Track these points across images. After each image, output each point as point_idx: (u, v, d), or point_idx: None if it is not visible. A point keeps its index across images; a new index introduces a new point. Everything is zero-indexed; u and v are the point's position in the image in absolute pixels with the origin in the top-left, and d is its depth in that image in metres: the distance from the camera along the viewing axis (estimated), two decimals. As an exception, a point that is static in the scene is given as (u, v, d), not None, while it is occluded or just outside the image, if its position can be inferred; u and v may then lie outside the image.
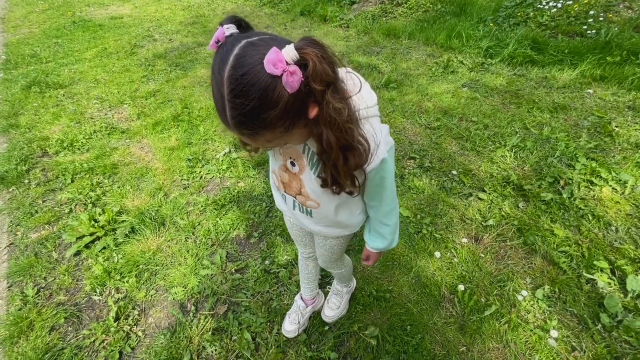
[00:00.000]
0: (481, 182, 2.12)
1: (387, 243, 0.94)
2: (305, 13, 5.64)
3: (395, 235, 0.94)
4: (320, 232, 1.01)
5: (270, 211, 2.08)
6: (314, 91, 0.55)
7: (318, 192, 0.82)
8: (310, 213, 0.92)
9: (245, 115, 0.55)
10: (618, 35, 3.29)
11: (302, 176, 0.83)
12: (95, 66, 4.35)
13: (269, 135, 0.60)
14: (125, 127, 3.05)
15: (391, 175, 0.79)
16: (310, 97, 0.57)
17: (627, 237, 1.72)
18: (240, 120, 0.56)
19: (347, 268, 1.35)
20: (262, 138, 0.61)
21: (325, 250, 1.12)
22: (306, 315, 1.47)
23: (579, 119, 2.60)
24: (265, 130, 0.58)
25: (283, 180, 0.89)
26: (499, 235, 1.79)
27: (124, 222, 2.06)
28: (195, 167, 2.49)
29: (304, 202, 0.89)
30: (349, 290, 1.52)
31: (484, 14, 4.30)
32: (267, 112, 0.54)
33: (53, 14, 7.14)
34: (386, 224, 0.90)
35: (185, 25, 5.77)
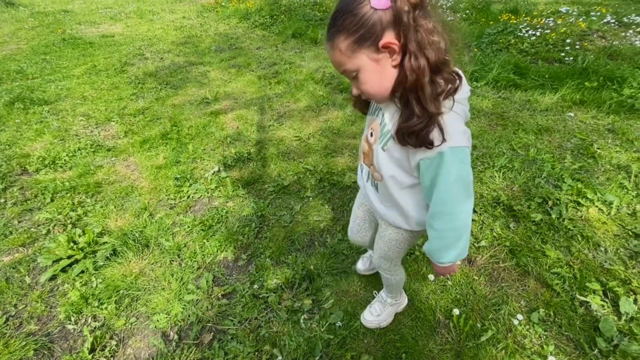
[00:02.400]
0: (472, 202, 2.12)
1: (433, 249, 0.88)
2: (297, 35, 5.78)
3: (442, 245, 0.85)
4: (383, 213, 1.03)
5: (259, 232, 2.02)
6: (400, 14, 0.63)
7: (382, 163, 0.88)
8: (377, 187, 0.99)
9: (333, 17, 0.69)
10: (594, 62, 3.47)
11: (375, 146, 0.89)
12: (83, 83, 4.30)
13: (342, 45, 0.69)
14: (111, 145, 2.98)
15: (451, 178, 0.74)
16: (392, 27, 0.65)
17: (617, 258, 1.73)
18: (329, 23, 0.71)
19: (397, 278, 1.32)
20: (336, 51, 0.71)
21: (383, 242, 1.13)
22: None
23: (562, 140, 2.68)
24: (339, 36, 0.68)
25: (364, 150, 0.98)
26: (491, 256, 1.77)
27: (106, 244, 1.96)
28: (183, 186, 2.43)
29: (373, 173, 0.96)
30: (395, 303, 1.47)
31: (468, 40, 4.49)
32: (346, 16, 0.66)
33: (43, 31, 7.12)
34: (431, 226, 0.85)
35: (177, 44, 5.82)
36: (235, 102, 3.67)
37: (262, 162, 2.63)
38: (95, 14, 8.76)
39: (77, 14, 8.96)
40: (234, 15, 7.52)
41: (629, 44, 3.88)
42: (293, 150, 2.76)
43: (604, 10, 4.81)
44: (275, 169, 2.54)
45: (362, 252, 1.77)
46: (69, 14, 8.91)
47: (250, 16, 7.08)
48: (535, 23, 4.43)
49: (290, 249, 1.89)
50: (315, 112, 3.34)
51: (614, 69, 3.33)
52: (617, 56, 3.65)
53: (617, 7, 5.37)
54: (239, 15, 7.40)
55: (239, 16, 7.38)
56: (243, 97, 3.77)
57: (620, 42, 3.91)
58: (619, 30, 4.17)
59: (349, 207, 2.15)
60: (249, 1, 8.13)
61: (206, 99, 3.72)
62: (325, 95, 3.64)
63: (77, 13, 9.03)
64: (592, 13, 4.71)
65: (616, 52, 3.69)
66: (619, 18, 4.42)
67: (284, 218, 2.09)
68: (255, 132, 3.06)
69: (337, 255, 1.82)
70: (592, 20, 4.44)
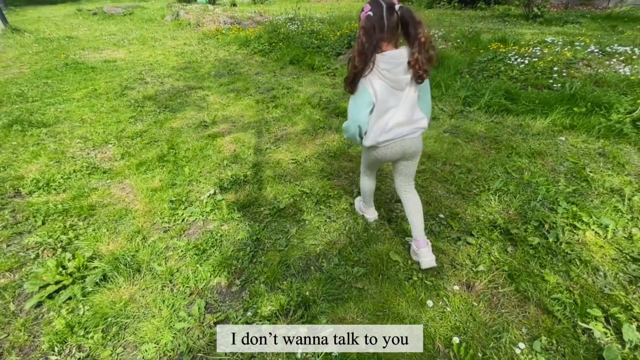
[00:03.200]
0: (468, 225, 2.12)
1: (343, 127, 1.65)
2: (295, 62, 5.96)
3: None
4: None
5: (254, 256, 1.98)
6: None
7: None
8: None
9: None
10: (581, 89, 3.59)
11: None
12: (83, 106, 4.36)
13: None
14: (107, 167, 2.98)
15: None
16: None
17: (616, 283, 1.70)
18: None
19: (361, 183, 2.05)
20: None
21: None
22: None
23: (555, 164, 2.72)
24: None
25: None
26: (490, 281, 1.74)
27: (96, 269, 1.91)
28: (178, 209, 2.40)
29: None
30: (361, 203, 2.22)
31: (460, 67, 4.66)
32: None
33: (46, 56, 7.29)
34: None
35: (177, 69, 5.97)
36: (233, 125, 3.72)
37: (258, 185, 2.63)
38: (99, 40, 9.03)
39: (81, 40, 9.23)
40: (234, 42, 7.78)
41: (613, 71, 4.04)
42: (289, 173, 2.77)
43: (587, 41, 5.05)
44: (271, 192, 2.54)
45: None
46: (73, 40, 9.17)
47: (250, 43, 7.33)
48: (523, 52, 4.62)
49: (285, 274, 1.85)
50: (312, 135, 3.39)
51: (600, 95, 3.45)
52: (602, 83, 3.79)
53: (600, 38, 5.64)
54: (238, 42, 7.66)
55: (238, 43, 7.64)
56: (241, 120, 3.83)
57: (604, 70, 4.07)
58: (603, 59, 4.35)
59: (346, 230, 2.13)
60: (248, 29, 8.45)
61: (204, 122, 3.77)
62: (321, 119, 3.71)
63: (81, 39, 9.30)
64: (576, 43, 4.93)
65: (602, 80, 3.83)
66: (602, 48, 4.63)
67: (279, 242, 2.06)
68: (252, 155, 3.08)
69: (333, 280, 1.78)
70: (576, 49, 4.64)
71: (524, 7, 8.30)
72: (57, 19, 14.36)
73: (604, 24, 7.14)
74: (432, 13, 9.86)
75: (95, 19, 13.80)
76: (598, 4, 9.39)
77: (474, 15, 9.34)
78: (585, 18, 7.89)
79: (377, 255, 1.91)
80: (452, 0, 10.83)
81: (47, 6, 21.33)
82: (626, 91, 3.59)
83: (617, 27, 6.79)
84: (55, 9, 19.09)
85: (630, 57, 4.36)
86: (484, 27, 7.31)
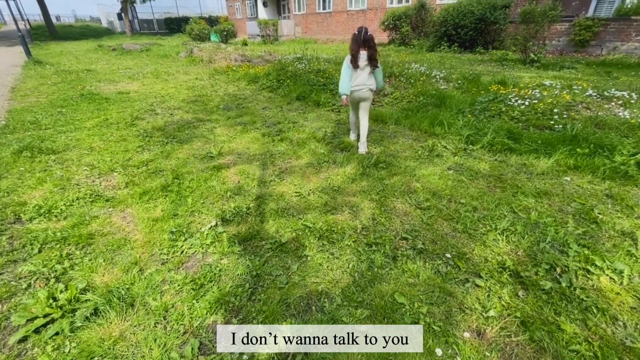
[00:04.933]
0: (476, 266, 2.04)
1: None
2: (301, 98, 6.18)
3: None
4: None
5: (253, 293, 1.90)
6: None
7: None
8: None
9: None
10: (583, 130, 3.64)
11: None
12: (93, 135, 4.46)
13: None
14: (111, 195, 2.97)
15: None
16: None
17: (637, 334, 1.60)
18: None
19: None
20: None
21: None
22: None
23: (562, 204, 2.68)
24: None
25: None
26: (502, 328, 1.64)
27: (88, 302, 1.83)
28: (178, 240, 2.36)
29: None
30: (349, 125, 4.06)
31: (462, 106, 4.79)
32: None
33: (64, 87, 7.63)
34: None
35: (187, 102, 6.18)
36: (238, 157, 3.76)
37: (260, 218, 2.59)
38: (115, 73, 9.49)
39: (99, 73, 9.71)
40: (243, 79, 8.13)
41: (613, 114, 4.13)
42: (293, 206, 2.74)
43: (585, 85, 5.22)
44: (273, 225, 2.50)
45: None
46: (90, 73, 9.65)
47: (259, 80, 7.66)
48: (523, 94, 4.76)
49: (285, 314, 1.76)
50: (316, 169, 3.41)
51: (602, 137, 3.49)
52: (603, 125, 3.85)
53: (596, 82, 5.84)
54: (247, 79, 8.00)
55: (247, 79, 7.98)
56: (246, 152, 3.88)
57: (604, 113, 4.16)
58: (602, 103, 4.46)
59: (349, 268, 2.06)
60: (257, 67, 8.86)
61: (210, 153, 3.82)
62: (326, 153, 3.75)
63: (99, 72, 9.79)
64: (574, 87, 5.10)
65: (602, 122, 3.90)
66: (600, 92, 4.77)
67: (279, 278, 1.99)
68: (256, 187, 3.07)
69: (335, 322, 1.69)
70: (575, 92, 4.78)
71: (521, 53, 8.71)
72: (79, 53, 15.24)
73: (599, 70, 7.42)
74: (434, 56, 10.36)
75: (114, 54, 14.62)
76: (592, 51, 9.86)
77: (473, 59, 9.79)
78: (581, 64, 8.23)
79: (381, 296, 1.82)
80: (452, 45, 11.44)
81: (70, 41, 22.76)
82: (627, 134, 3.63)
83: (611, 72, 7.05)
84: (78, 44, 20.33)
85: (628, 101, 4.48)
86: (484, 70, 7.63)
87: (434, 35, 12.28)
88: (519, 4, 11.02)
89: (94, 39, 24.54)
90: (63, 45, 20.02)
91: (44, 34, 25.31)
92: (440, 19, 11.78)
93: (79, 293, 1.87)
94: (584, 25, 9.75)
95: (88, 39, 24.18)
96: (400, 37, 13.66)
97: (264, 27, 19.97)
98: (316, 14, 20.15)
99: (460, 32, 11.17)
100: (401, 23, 13.45)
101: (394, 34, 14.10)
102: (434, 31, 12.33)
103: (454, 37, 11.44)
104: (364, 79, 3.41)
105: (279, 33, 20.67)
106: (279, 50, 13.00)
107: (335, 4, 18.58)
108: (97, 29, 34.07)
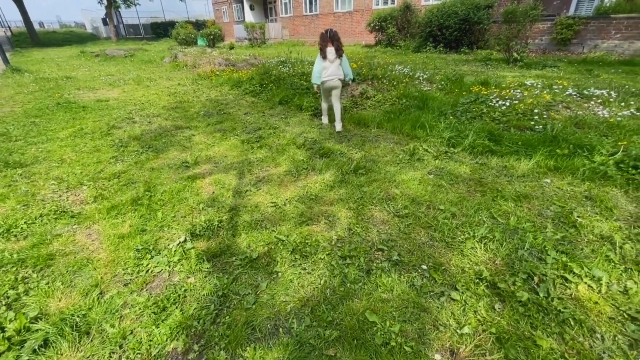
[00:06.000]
0: (453, 278, 1.97)
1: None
2: (284, 102, 6.08)
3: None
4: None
5: (218, 316, 1.79)
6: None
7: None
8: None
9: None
10: (563, 131, 3.62)
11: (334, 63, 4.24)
12: (65, 146, 4.30)
13: None
14: (77, 211, 2.84)
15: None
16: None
17: (616, 347, 1.54)
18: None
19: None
20: None
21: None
22: None
23: (541, 208, 2.63)
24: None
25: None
26: (476, 346, 1.57)
27: (38, 332, 1.70)
28: (144, 258, 2.24)
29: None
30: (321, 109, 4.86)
31: (444, 108, 4.74)
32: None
33: (40, 95, 7.40)
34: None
35: (167, 109, 6.03)
36: (215, 166, 3.65)
37: (232, 231, 2.49)
38: (96, 80, 9.27)
39: (79, 80, 9.48)
40: (227, 83, 8.01)
41: (592, 113, 4.13)
42: (267, 218, 2.65)
43: (565, 84, 5.23)
44: (245, 239, 2.39)
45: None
46: (70, 80, 9.41)
47: (242, 84, 7.54)
48: (504, 94, 4.75)
49: (249, 338, 1.66)
50: (295, 176, 3.31)
51: (582, 137, 3.47)
52: (583, 125, 3.84)
53: (577, 81, 5.87)
54: (231, 83, 7.88)
55: (231, 84, 7.85)
56: (224, 161, 3.77)
57: (584, 112, 4.16)
58: (582, 102, 4.47)
59: (321, 284, 1.97)
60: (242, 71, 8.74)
61: (186, 162, 3.70)
62: (305, 159, 3.66)
63: (79, 79, 9.56)
64: (554, 86, 5.10)
65: (582, 121, 3.89)
66: (580, 90, 4.78)
67: (247, 298, 1.89)
68: (230, 198, 2.97)
69: (302, 346, 1.59)
70: (555, 92, 4.78)
71: (505, 52, 8.76)
72: (60, 60, 14.92)
73: (580, 68, 7.49)
74: (419, 57, 10.37)
75: (96, 60, 14.35)
76: (574, 50, 9.97)
77: (458, 59, 9.81)
78: (563, 62, 8.31)
79: (352, 315, 1.73)
80: (437, 45, 11.47)
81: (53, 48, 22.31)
82: (606, 133, 3.62)
83: (592, 70, 7.12)
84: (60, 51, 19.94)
85: (607, 99, 4.49)
86: (468, 70, 7.64)
87: (419, 36, 12.32)
88: (501, 4, 11.12)
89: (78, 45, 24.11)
90: (45, 52, 19.60)
91: (26, 40, 24.78)
92: (425, 19, 11.82)
93: (29, 322, 1.74)
94: (565, 24, 9.87)
95: (71, 45, 23.75)
96: (386, 38, 13.68)
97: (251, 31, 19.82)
98: (303, 17, 20.10)
99: (445, 32, 11.21)
100: (387, 24, 13.47)
101: (380, 35, 14.12)
102: (419, 32, 12.36)
103: (439, 37, 11.48)
104: (334, 70, 4.15)
105: (266, 36, 20.56)
106: (265, 54, 12.90)
107: (322, 6, 18.56)
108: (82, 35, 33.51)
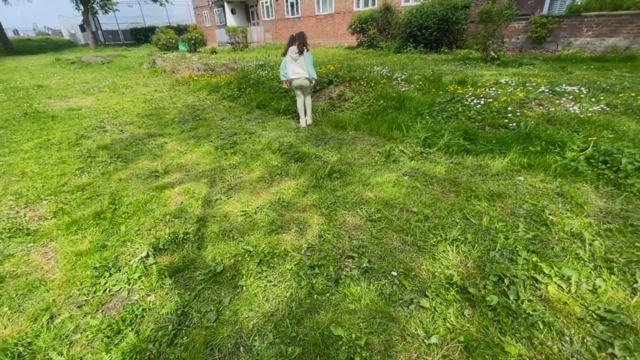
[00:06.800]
0: (423, 284, 1.91)
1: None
2: (262, 106, 5.98)
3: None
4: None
5: (176, 337, 1.69)
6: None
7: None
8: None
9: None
10: (535, 128, 3.65)
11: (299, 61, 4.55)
12: (29, 158, 4.10)
13: None
14: (34, 228, 2.67)
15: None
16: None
17: (584, 350, 1.50)
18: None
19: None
20: None
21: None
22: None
23: (514, 206, 2.62)
24: None
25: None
26: (444, 356, 1.51)
27: (-25, 365, 1.56)
28: (102, 277, 2.11)
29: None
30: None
31: (421, 108, 4.74)
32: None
33: (8, 106, 7.10)
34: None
35: (141, 116, 5.86)
36: (186, 174, 3.52)
37: (198, 244, 2.38)
38: (69, 88, 8.97)
39: (51, 88, 9.15)
40: (205, 88, 7.85)
41: (564, 110, 4.18)
42: (236, 227, 2.55)
43: (539, 81, 5.31)
44: (211, 251, 2.29)
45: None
46: (42, 89, 9.08)
47: (220, 89, 7.41)
48: (479, 93, 4.77)
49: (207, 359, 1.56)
50: (268, 182, 3.22)
51: (554, 134, 3.49)
52: (555, 121, 3.88)
53: (551, 78, 5.98)
54: (209, 88, 7.73)
55: (209, 89, 7.71)
56: (195, 169, 3.64)
57: (556, 108, 4.21)
58: (554, 98, 4.53)
59: (286, 297, 1.88)
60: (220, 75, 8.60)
61: (156, 172, 3.56)
62: (279, 165, 3.57)
63: (51, 87, 9.23)
64: (528, 84, 5.17)
65: (554, 118, 3.93)
66: (552, 87, 4.85)
67: (208, 315, 1.78)
68: (199, 208, 2.85)
69: (262, 366, 1.50)
70: (529, 89, 4.84)
71: (482, 51, 8.89)
72: (34, 68, 14.44)
73: (554, 65, 7.65)
74: (400, 57, 10.42)
75: (72, 68, 13.93)
76: (548, 48, 10.21)
77: (438, 58, 9.91)
78: (538, 60, 8.48)
79: (317, 329, 1.65)
80: (418, 46, 11.57)
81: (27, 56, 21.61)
82: (577, 129, 3.66)
83: (566, 67, 7.28)
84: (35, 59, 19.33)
85: (579, 95, 4.56)
86: (447, 70, 7.70)
87: (400, 37, 12.41)
88: (478, 4, 11.31)
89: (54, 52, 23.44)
90: (19, 60, 18.95)
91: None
92: (405, 20, 11.92)
93: (-35, 355, 1.60)
94: (539, 22, 10.09)
95: (47, 53, 23.05)
96: (368, 40, 13.74)
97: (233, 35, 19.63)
98: (285, 20, 20.04)
99: (424, 32, 11.32)
100: (368, 26, 13.53)
101: (362, 37, 14.17)
102: (400, 33, 12.46)
103: (419, 38, 11.58)
104: (298, 68, 4.47)
105: (248, 40, 20.40)
106: (245, 58, 12.76)
107: (304, 9, 18.54)
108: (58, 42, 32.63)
